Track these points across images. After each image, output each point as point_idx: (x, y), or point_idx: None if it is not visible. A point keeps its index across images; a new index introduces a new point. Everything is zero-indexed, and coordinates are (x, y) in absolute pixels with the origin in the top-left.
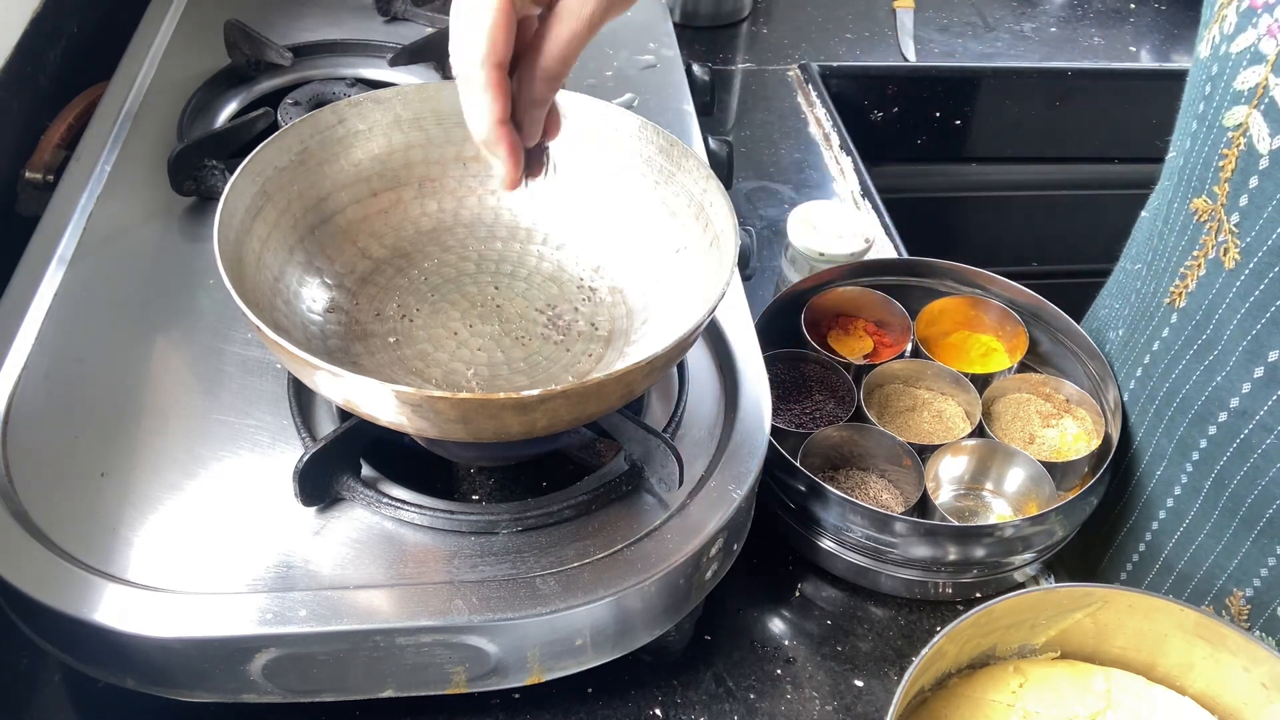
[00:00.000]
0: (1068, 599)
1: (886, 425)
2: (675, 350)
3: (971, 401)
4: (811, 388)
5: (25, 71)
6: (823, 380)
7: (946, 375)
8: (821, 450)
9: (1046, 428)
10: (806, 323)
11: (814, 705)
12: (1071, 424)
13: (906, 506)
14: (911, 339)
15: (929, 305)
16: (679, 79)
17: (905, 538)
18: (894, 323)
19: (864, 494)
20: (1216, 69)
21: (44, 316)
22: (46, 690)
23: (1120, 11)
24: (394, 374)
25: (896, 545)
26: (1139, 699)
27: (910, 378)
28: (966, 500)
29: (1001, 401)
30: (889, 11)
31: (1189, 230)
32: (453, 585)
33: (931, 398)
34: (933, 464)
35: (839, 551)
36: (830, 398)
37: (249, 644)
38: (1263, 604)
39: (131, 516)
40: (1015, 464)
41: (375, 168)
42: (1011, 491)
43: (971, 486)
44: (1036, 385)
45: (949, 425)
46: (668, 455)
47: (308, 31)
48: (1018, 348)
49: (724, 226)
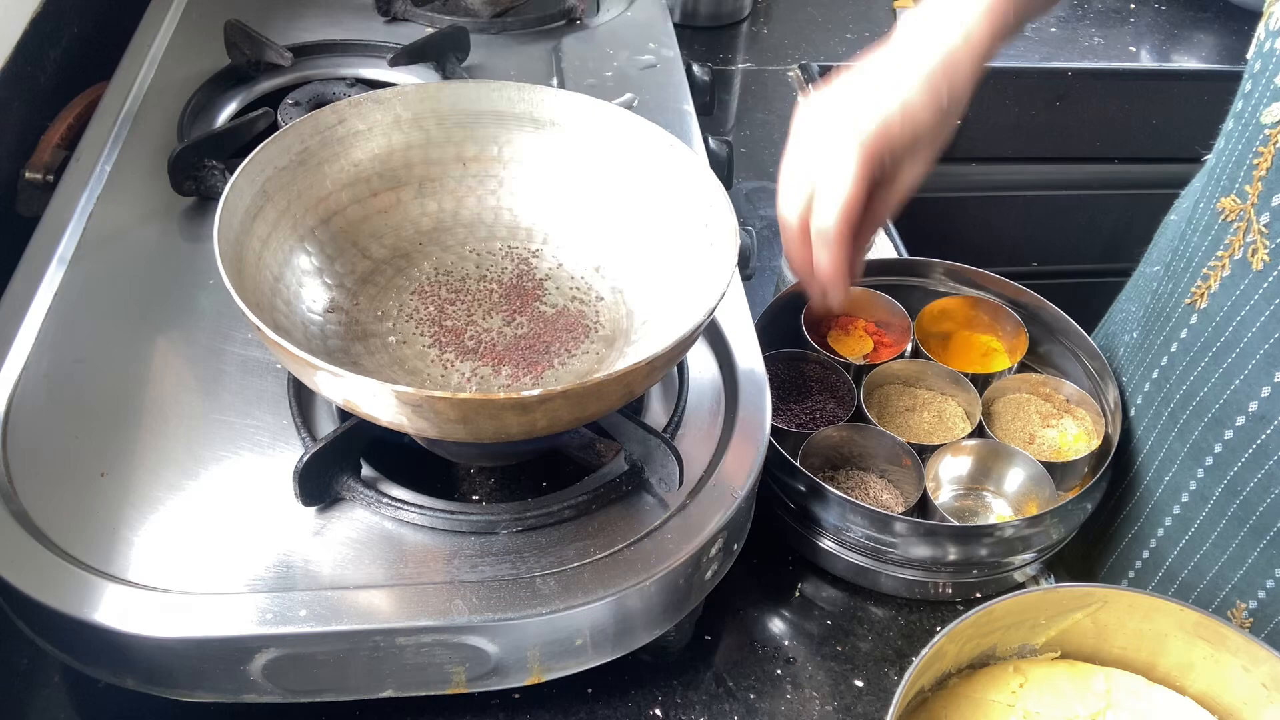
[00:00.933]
0: (1068, 599)
1: (886, 425)
2: (675, 350)
3: (971, 401)
4: (811, 388)
5: (25, 71)
6: (823, 380)
7: (946, 375)
8: (821, 450)
9: (1046, 428)
10: (806, 323)
11: (814, 705)
12: (1071, 424)
13: (906, 506)
14: (911, 339)
15: (929, 305)
16: (679, 79)
17: (905, 538)
18: (894, 323)
19: (864, 494)
20: (1259, 65)
21: (44, 316)
22: (46, 690)
23: (1120, 11)
24: (394, 374)
25: (896, 545)
26: (1139, 699)
27: (910, 378)
28: (966, 500)
29: (1001, 401)
30: (889, 11)
31: (1214, 229)
32: (453, 585)
33: (931, 398)
34: (933, 464)
35: (839, 551)
36: (830, 398)
37: (249, 644)
38: (1266, 617)
39: (131, 516)
40: (1015, 464)
41: (375, 168)
42: (1012, 491)
43: (971, 486)
44: (1036, 385)
45: (949, 425)
46: (668, 455)
47: (308, 31)
48: (1018, 348)
49: (724, 226)
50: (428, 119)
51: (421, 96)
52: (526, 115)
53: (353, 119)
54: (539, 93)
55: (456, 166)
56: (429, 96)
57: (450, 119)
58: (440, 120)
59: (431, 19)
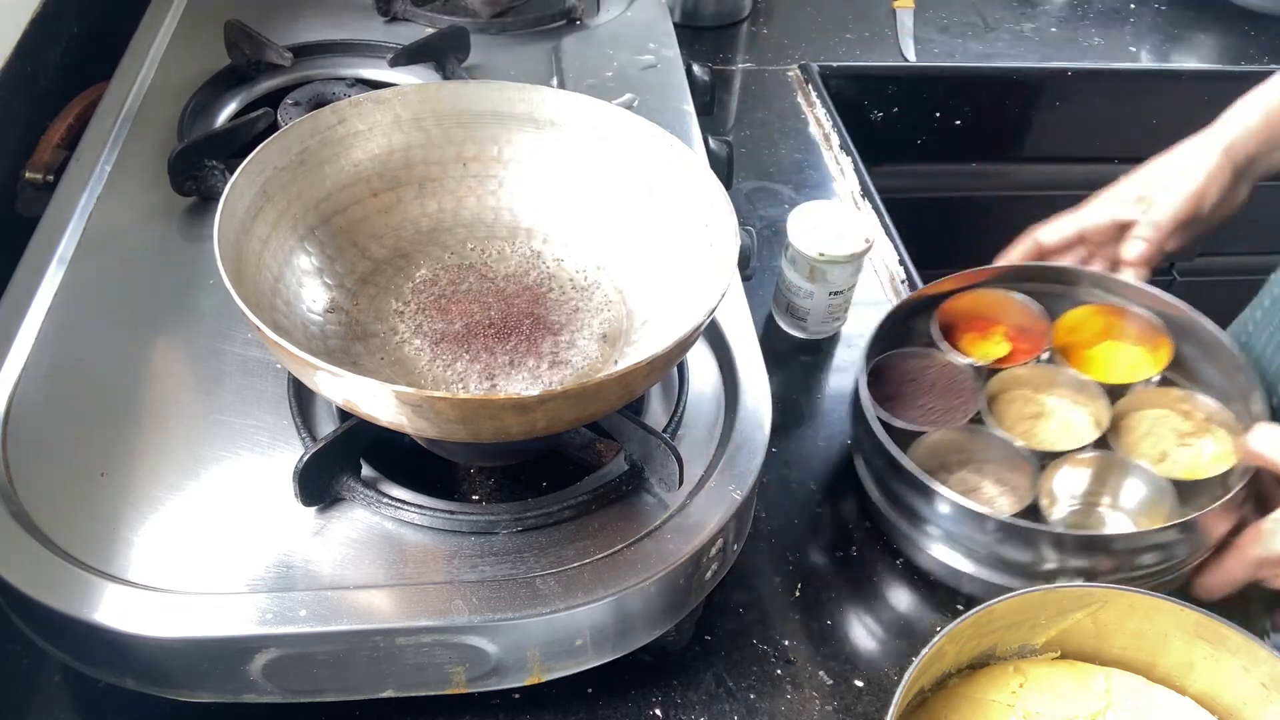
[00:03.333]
0: (1068, 599)
1: (1009, 430)
2: (675, 350)
3: (1101, 410)
4: (933, 388)
5: (25, 71)
6: (947, 381)
7: (1075, 383)
8: (938, 452)
9: (1182, 446)
10: (941, 324)
11: (814, 705)
12: (1211, 444)
13: (1017, 510)
14: (1049, 346)
15: (1069, 311)
16: (679, 79)
17: (998, 538)
18: (1033, 329)
19: (976, 496)
20: None
21: (44, 316)
22: (46, 690)
23: (1120, 11)
24: (394, 374)
25: (987, 545)
26: (1139, 699)
27: (1039, 383)
28: (1080, 515)
29: (1136, 416)
30: (889, 11)
31: None
32: (453, 585)
33: (1060, 406)
34: (1050, 472)
35: (935, 549)
36: (952, 399)
37: (249, 644)
38: None
39: (131, 516)
40: (1136, 478)
41: (375, 168)
42: (1131, 508)
43: (1090, 501)
44: (1175, 401)
45: (1073, 435)
46: (668, 455)
47: (308, 31)
48: (1161, 359)
49: (724, 227)
50: (428, 119)
51: (421, 97)
52: (526, 115)
53: (353, 119)
54: (539, 93)
55: (456, 166)
56: (429, 97)
57: (450, 119)
58: (440, 120)
59: (431, 19)
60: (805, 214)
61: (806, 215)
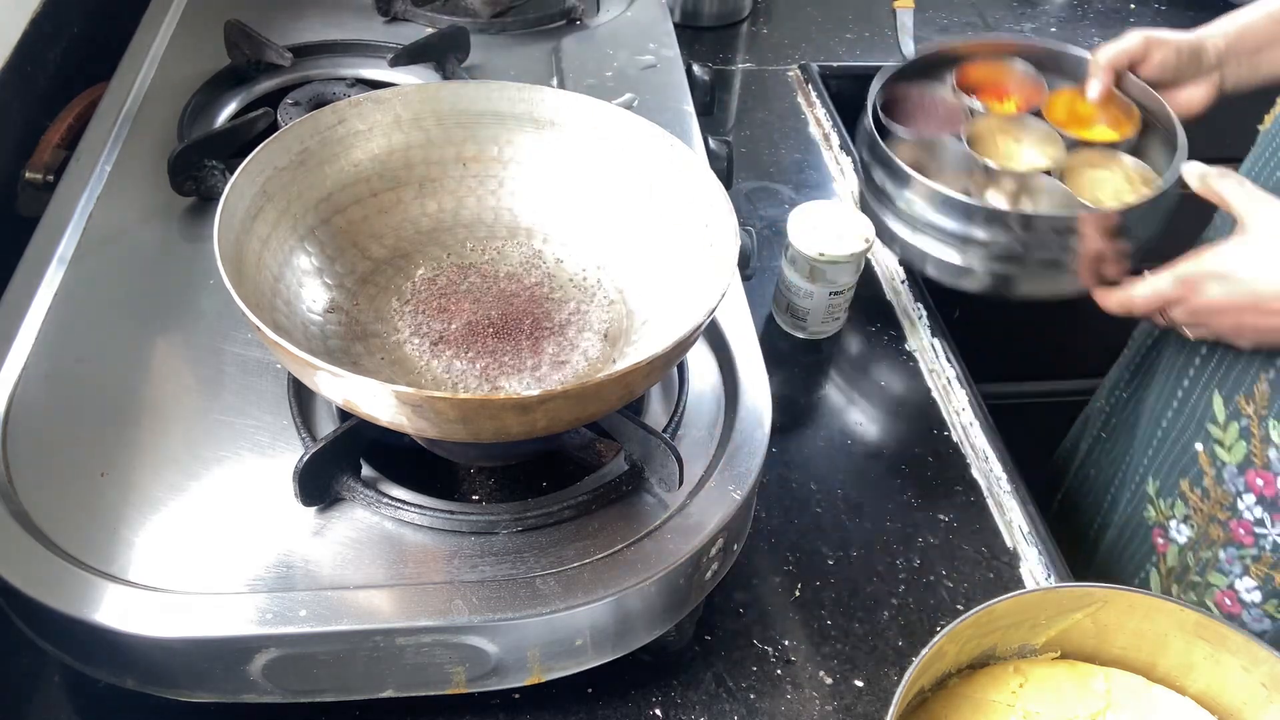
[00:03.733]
0: (1068, 599)
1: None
2: (675, 350)
3: (1058, 156)
4: (929, 117)
5: (25, 71)
6: (944, 112)
7: (1044, 132)
8: (915, 155)
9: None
10: (959, 82)
11: (814, 705)
12: (1124, 183)
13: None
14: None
15: (1070, 88)
16: (679, 79)
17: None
18: (1034, 99)
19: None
20: None
21: (44, 316)
22: (46, 690)
23: (1120, 11)
24: (394, 374)
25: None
26: (1139, 699)
27: (1015, 131)
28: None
29: (1084, 170)
30: (889, 11)
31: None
32: (453, 585)
33: (1024, 150)
34: (997, 180)
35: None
36: (944, 129)
37: (249, 644)
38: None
39: (131, 516)
40: (1053, 193)
41: (375, 168)
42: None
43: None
44: (1118, 164)
45: (1025, 165)
46: (668, 455)
47: (308, 31)
48: (1125, 132)
49: (724, 227)
50: (428, 119)
51: (421, 97)
52: (526, 115)
53: (353, 119)
54: (539, 93)
55: (456, 166)
56: (429, 97)
57: (450, 119)
58: (440, 120)
59: (431, 19)
60: (805, 214)
61: (806, 215)
